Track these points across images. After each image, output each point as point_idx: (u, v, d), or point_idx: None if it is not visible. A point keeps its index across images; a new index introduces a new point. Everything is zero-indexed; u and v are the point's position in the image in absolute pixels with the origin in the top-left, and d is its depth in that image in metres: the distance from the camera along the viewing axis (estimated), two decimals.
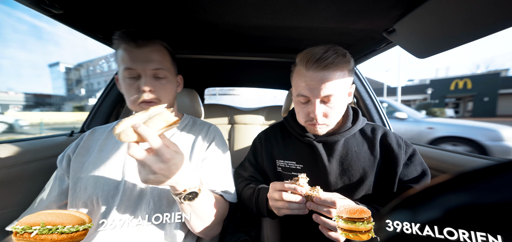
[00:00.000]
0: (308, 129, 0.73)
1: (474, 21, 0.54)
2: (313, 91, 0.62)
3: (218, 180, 0.73)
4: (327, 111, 0.65)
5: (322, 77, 0.60)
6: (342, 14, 0.71)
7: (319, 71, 0.60)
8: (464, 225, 0.14)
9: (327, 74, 0.60)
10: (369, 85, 1.27)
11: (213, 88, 2.81)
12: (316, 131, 0.70)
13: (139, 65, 0.66)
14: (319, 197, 0.53)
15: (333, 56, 0.60)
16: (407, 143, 0.71)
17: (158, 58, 0.68)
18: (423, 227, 0.16)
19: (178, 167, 0.48)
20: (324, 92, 0.61)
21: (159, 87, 0.69)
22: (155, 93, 0.68)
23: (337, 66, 0.60)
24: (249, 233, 0.80)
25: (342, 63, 0.61)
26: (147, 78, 0.66)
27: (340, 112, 0.69)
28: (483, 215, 0.13)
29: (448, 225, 0.14)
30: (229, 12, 0.72)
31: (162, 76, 0.69)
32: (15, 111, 25.01)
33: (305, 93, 0.64)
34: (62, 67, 46.49)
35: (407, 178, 0.67)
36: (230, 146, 1.94)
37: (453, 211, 0.14)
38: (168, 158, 0.46)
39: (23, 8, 31.30)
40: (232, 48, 1.14)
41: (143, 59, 0.66)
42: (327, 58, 0.59)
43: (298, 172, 0.75)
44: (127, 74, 0.67)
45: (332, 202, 0.51)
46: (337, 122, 0.73)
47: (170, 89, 0.73)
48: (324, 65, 0.59)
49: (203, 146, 0.77)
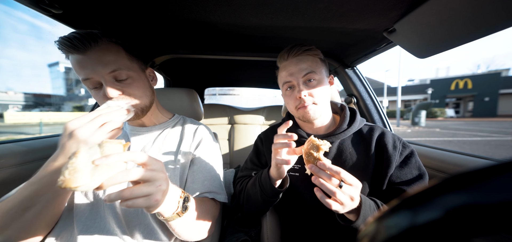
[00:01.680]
0: (300, 115, 0.73)
1: (474, 21, 0.54)
2: (295, 74, 0.71)
3: (207, 182, 0.70)
4: (312, 91, 0.70)
5: (298, 61, 0.71)
6: (342, 14, 0.71)
7: (294, 57, 0.71)
8: (464, 225, 0.14)
9: (301, 58, 0.71)
10: (369, 85, 1.27)
11: (213, 88, 2.81)
12: (308, 114, 0.71)
13: (92, 73, 0.58)
14: (323, 163, 0.53)
15: (302, 46, 0.71)
16: (404, 144, 0.71)
17: (111, 59, 0.59)
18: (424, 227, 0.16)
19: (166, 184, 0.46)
20: (303, 72, 0.70)
21: (127, 90, 0.62)
22: (124, 97, 0.62)
23: (308, 52, 0.71)
24: (249, 233, 0.80)
25: (311, 50, 0.72)
26: (108, 83, 0.59)
27: (325, 96, 0.73)
28: (483, 215, 0.13)
29: (448, 226, 0.14)
30: (229, 12, 0.72)
31: (123, 76, 0.62)
32: (14, 111, 25.01)
33: (288, 79, 0.72)
34: (61, 67, 46.49)
35: (400, 180, 0.66)
36: (230, 146, 1.94)
37: (453, 211, 0.14)
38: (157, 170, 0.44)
39: (23, 8, 30.46)
40: (232, 48, 1.14)
41: (92, 63, 0.57)
42: (298, 47, 0.71)
43: (296, 171, 0.75)
44: (87, 84, 0.60)
45: (337, 172, 0.52)
46: (326, 107, 0.74)
47: (141, 88, 0.66)
48: (296, 52, 0.71)
49: (191, 147, 0.74)
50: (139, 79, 0.66)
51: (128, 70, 0.63)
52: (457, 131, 12.74)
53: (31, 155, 0.88)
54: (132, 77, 0.64)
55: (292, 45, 0.73)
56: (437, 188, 0.16)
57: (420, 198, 0.16)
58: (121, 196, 0.40)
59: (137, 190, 0.41)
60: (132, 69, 0.65)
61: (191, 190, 0.68)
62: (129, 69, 0.63)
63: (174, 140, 0.75)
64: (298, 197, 0.74)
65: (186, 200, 0.54)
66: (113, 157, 0.39)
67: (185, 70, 1.68)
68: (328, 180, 0.52)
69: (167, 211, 0.49)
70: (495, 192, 0.13)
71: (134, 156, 0.42)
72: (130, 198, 0.40)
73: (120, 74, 0.61)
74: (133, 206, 0.40)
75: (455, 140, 9.41)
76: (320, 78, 0.71)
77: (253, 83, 2.31)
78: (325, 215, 0.69)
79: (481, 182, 0.14)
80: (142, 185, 0.42)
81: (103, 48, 0.59)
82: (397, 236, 0.16)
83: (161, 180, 0.44)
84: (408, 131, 13.34)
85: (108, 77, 0.59)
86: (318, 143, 0.55)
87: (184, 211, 0.52)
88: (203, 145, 0.76)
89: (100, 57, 0.58)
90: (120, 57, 0.62)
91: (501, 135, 11.29)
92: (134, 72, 0.65)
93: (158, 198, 0.43)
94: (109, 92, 0.58)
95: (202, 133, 0.80)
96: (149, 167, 0.43)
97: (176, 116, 0.85)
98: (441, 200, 0.15)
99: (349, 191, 0.52)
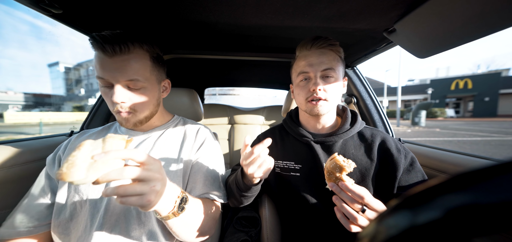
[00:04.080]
0: (309, 109, 0.72)
1: (474, 21, 0.54)
2: (314, 66, 0.69)
3: (208, 182, 0.70)
4: (327, 88, 0.70)
5: (320, 53, 0.69)
6: (342, 14, 0.70)
7: (318, 49, 0.70)
8: (464, 225, 0.14)
9: (324, 52, 0.70)
10: (369, 85, 1.27)
11: (213, 88, 2.81)
12: (317, 109, 0.70)
13: (109, 76, 0.59)
14: (346, 185, 0.50)
15: (328, 40, 0.70)
16: (405, 148, 0.72)
17: (134, 67, 0.60)
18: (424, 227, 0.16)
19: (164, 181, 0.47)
20: (323, 66, 0.69)
21: (134, 98, 0.63)
22: (129, 104, 0.62)
23: (332, 48, 0.70)
24: (249, 233, 0.80)
25: (336, 47, 0.71)
26: (119, 88, 0.60)
27: (338, 95, 0.73)
28: (483, 215, 0.13)
29: (448, 226, 0.14)
30: (229, 12, 0.72)
31: (138, 86, 0.62)
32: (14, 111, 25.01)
33: (306, 69, 0.71)
34: (61, 67, 46.52)
35: (408, 184, 0.67)
36: (230, 146, 1.94)
37: (453, 211, 0.14)
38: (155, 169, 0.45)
39: (23, 8, 30.35)
40: (232, 48, 1.14)
41: (114, 69, 0.59)
42: (324, 40, 0.70)
43: (297, 171, 0.75)
44: (100, 83, 0.62)
45: (360, 196, 0.49)
46: (334, 106, 0.74)
47: (149, 99, 0.66)
48: (321, 44, 0.69)
49: (193, 148, 0.74)
50: (151, 90, 0.67)
51: (145, 81, 0.63)
52: (457, 131, 12.74)
53: (31, 155, 0.88)
54: (145, 88, 0.64)
55: (317, 36, 0.71)
56: (437, 188, 0.16)
57: (420, 198, 0.16)
58: (116, 192, 0.40)
59: (130, 189, 0.41)
60: (149, 80, 0.65)
61: (192, 191, 0.68)
62: (146, 80, 0.64)
63: (176, 141, 0.74)
64: (298, 197, 0.73)
65: (184, 200, 0.54)
66: (111, 154, 0.39)
67: (185, 70, 1.68)
68: (349, 203, 0.50)
69: (163, 210, 0.49)
70: (495, 192, 0.13)
71: (133, 154, 0.42)
72: (124, 195, 0.41)
73: (136, 84, 0.62)
74: (126, 203, 0.41)
75: (455, 140, 9.41)
76: (337, 76, 0.71)
77: (253, 83, 2.30)
78: (325, 215, 0.69)
79: (481, 182, 0.14)
80: (137, 184, 0.42)
81: (131, 56, 0.60)
82: (397, 236, 0.16)
83: (156, 180, 0.44)
84: (408, 131, 13.33)
85: (123, 83, 0.61)
86: (342, 164, 0.52)
87: (180, 212, 0.52)
88: (204, 147, 0.76)
89: (124, 65, 0.59)
90: (143, 68, 0.63)
91: (501, 135, 11.29)
92: (149, 83, 0.65)
93: (151, 198, 0.43)
94: (117, 96, 0.59)
95: (204, 134, 0.79)
96: (146, 166, 0.43)
97: (176, 117, 0.84)
98: (441, 200, 0.15)
99: (373, 217, 0.49)
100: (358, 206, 0.50)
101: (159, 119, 0.77)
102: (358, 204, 0.50)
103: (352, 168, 0.52)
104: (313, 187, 0.72)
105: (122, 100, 0.60)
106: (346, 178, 0.52)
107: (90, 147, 0.40)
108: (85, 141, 0.41)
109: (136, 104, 0.63)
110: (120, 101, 0.60)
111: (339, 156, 0.54)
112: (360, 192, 0.50)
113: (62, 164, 0.37)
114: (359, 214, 0.49)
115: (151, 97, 0.67)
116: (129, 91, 0.62)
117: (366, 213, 0.49)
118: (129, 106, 0.62)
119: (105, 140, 0.42)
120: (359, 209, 0.50)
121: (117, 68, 0.59)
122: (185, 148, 0.73)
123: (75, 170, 0.37)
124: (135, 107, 0.64)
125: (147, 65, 0.64)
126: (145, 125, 0.73)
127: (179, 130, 0.78)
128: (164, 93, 0.76)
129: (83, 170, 0.37)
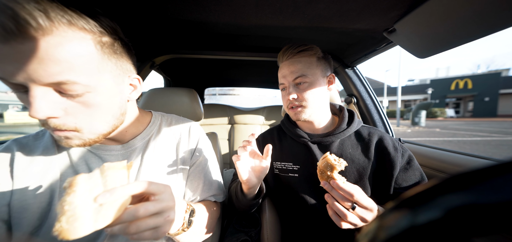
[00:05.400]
0: (291, 115, 0.76)
1: (474, 21, 0.54)
2: (286, 77, 0.73)
3: (208, 183, 0.69)
4: (301, 94, 0.71)
5: (290, 63, 0.71)
6: (342, 14, 0.70)
7: (288, 60, 0.72)
8: (464, 225, 0.14)
9: (293, 61, 0.71)
10: (369, 85, 1.27)
11: (213, 88, 2.81)
12: (296, 115, 0.73)
13: (15, 72, 0.35)
14: (337, 183, 0.51)
15: (296, 47, 0.71)
16: (403, 146, 0.71)
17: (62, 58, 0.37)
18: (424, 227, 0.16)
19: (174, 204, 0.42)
20: (293, 76, 0.71)
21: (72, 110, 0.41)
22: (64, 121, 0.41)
23: (302, 53, 0.71)
24: (249, 233, 0.80)
25: (306, 51, 0.71)
26: (39, 94, 0.37)
27: (317, 98, 0.72)
28: (483, 215, 0.13)
29: (448, 226, 0.14)
30: (229, 12, 0.72)
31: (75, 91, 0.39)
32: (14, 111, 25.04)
33: (281, 81, 0.75)
34: None
35: (406, 183, 0.67)
36: (230, 146, 1.94)
37: (453, 211, 0.14)
38: None
39: None
40: (232, 48, 1.14)
41: (21, 61, 0.35)
42: (292, 49, 0.71)
43: (296, 172, 0.75)
44: (8, 85, 0.39)
45: (350, 194, 0.50)
46: (318, 108, 0.74)
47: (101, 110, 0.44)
48: (289, 54, 0.72)
49: (189, 150, 0.67)
50: (101, 91, 0.43)
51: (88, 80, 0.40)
52: (457, 131, 12.73)
53: None
54: (86, 87, 0.40)
55: (288, 46, 0.73)
56: (437, 188, 0.16)
57: (420, 198, 0.16)
58: (127, 232, 0.35)
59: (143, 225, 0.36)
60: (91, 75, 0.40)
61: (193, 196, 0.66)
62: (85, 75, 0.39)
63: (168, 148, 0.64)
64: (297, 197, 0.74)
65: (192, 214, 0.52)
66: (118, 192, 0.33)
67: (185, 70, 1.68)
68: (340, 201, 0.51)
69: (172, 230, 0.47)
70: (495, 192, 0.13)
71: (141, 188, 0.37)
72: (137, 233, 0.36)
73: (70, 89, 0.38)
74: (139, 239, 0.37)
75: (455, 140, 9.41)
76: (313, 80, 0.71)
77: (253, 83, 2.31)
78: (324, 215, 0.69)
79: (481, 182, 0.14)
80: (149, 218, 0.37)
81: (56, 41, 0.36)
82: (397, 236, 0.16)
83: (170, 210, 0.40)
84: (408, 131, 13.33)
85: (45, 85, 0.37)
86: (332, 163, 0.52)
87: (189, 226, 0.51)
88: (200, 146, 0.70)
89: (43, 55, 0.35)
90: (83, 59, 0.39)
91: (501, 135, 11.28)
92: (94, 79, 0.41)
93: (166, 229, 0.40)
94: (34, 109, 0.36)
95: (197, 132, 0.73)
96: (158, 196, 0.39)
97: (155, 114, 0.68)
98: (441, 200, 0.15)
99: (363, 214, 0.50)
100: (348, 203, 0.51)
101: (136, 126, 0.60)
102: (348, 201, 0.51)
103: (343, 167, 0.53)
104: (311, 188, 0.73)
105: (47, 113, 0.37)
106: (338, 176, 0.53)
107: (86, 186, 0.32)
108: (76, 178, 0.31)
109: (81, 120, 0.42)
110: (44, 116, 0.37)
111: (330, 155, 0.55)
112: (350, 190, 0.50)
113: (58, 217, 0.29)
114: (349, 211, 0.50)
115: (109, 103, 0.45)
116: (61, 97, 0.39)
117: (356, 210, 0.50)
118: (65, 123, 0.40)
119: (104, 173, 0.35)
120: (349, 207, 0.51)
121: (29, 58, 0.34)
122: (180, 152, 0.65)
123: (80, 224, 0.30)
124: (79, 124, 0.42)
125: (92, 55, 0.40)
126: (117, 135, 0.54)
127: (166, 132, 0.66)
128: (133, 94, 0.53)
129: (89, 221, 0.31)
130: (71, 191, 0.31)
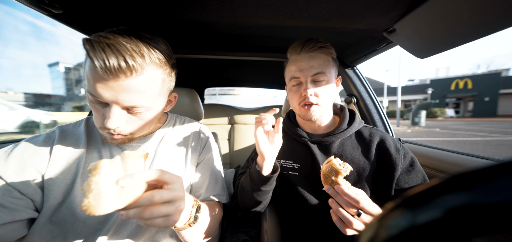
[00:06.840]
0: (302, 114, 0.72)
1: (474, 21, 0.54)
2: (304, 72, 0.69)
3: (213, 183, 0.70)
4: (318, 92, 0.69)
5: (310, 57, 0.69)
6: (342, 14, 0.70)
7: (307, 53, 0.69)
8: (464, 226, 0.14)
9: (314, 55, 0.69)
10: (369, 85, 1.27)
11: (213, 88, 2.81)
12: (309, 114, 0.70)
13: (108, 96, 0.48)
14: (342, 189, 0.50)
15: (317, 43, 0.69)
16: (405, 148, 0.71)
17: (142, 90, 0.50)
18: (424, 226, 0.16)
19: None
20: (313, 71, 0.68)
21: (132, 122, 0.53)
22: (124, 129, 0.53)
23: (322, 50, 0.70)
24: (249, 233, 0.80)
25: (326, 49, 0.70)
26: (116, 112, 0.50)
27: (331, 98, 0.72)
28: (483, 215, 0.13)
29: (448, 226, 0.14)
30: (229, 12, 0.72)
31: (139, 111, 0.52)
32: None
33: (296, 74, 0.70)
34: (61, 67, 46.48)
35: (409, 186, 0.67)
36: (230, 146, 1.94)
37: (453, 211, 0.14)
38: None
39: (24, 8, 30.28)
40: (232, 48, 1.14)
41: (115, 90, 0.47)
42: (313, 43, 0.69)
43: (295, 171, 0.75)
44: (90, 97, 0.50)
45: (356, 200, 0.49)
46: (328, 108, 0.73)
47: (150, 120, 0.57)
48: (310, 47, 0.69)
49: (197, 150, 0.72)
50: (154, 109, 0.56)
51: (150, 103, 0.53)
52: (457, 131, 12.74)
53: None
54: (146, 108, 0.53)
55: (307, 39, 0.70)
56: (437, 188, 0.16)
57: (420, 198, 0.16)
58: (141, 216, 0.38)
59: (156, 211, 0.39)
60: (155, 100, 0.54)
61: (198, 194, 0.68)
62: (152, 101, 0.53)
63: (179, 145, 0.70)
64: (298, 196, 0.74)
65: (198, 209, 0.54)
66: (138, 178, 0.37)
67: (185, 70, 1.68)
68: (345, 207, 0.50)
69: (180, 222, 0.49)
70: (495, 192, 0.13)
71: (157, 175, 0.41)
72: (150, 218, 0.39)
73: (138, 109, 0.51)
74: (151, 225, 0.40)
75: (455, 140, 9.41)
76: (329, 79, 0.70)
77: (253, 83, 2.31)
78: (324, 215, 0.69)
79: (481, 182, 0.14)
80: (162, 206, 0.40)
81: (141, 80, 0.48)
82: (397, 236, 0.16)
83: (181, 200, 0.43)
84: (408, 131, 13.33)
85: (122, 106, 0.50)
86: (337, 167, 0.51)
87: (195, 221, 0.52)
88: (207, 147, 0.74)
89: (129, 89, 0.47)
90: (153, 89, 0.52)
91: (501, 135, 11.29)
92: (155, 103, 0.55)
93: (176, 218, 0.43)
94: (112, 122, 0.48)
95: (205, 134, 0.78)
96: (171, 186, 0.42)
97: (171, 115, 0.77)
98: (441, 200, 0.15)
99: (368, 221, 0.49)
100: (354, 210, 0.49)
101: (155, 124, 0.69)
102: (354, 208, 0.49)
103: (348, 172, 0.51)
104: (311, 187, 0.73)
105: (118, 125, 0.50)
106: (342, 181, 0.52)
107: (109, 170, 0.36)
108: (100, 162, 0.36)
109: (134, 128, 0.54)
110: (115, 127, 0.50)
111: (335, 159, 0.53)
112: (356, 196, 0.49)
113: (86, 194, 0.33)
114: (355, 218, 0.49)
115: (153, 117, 0.58)
116: (127, 114, 0.52)
117: (361, 217, 0.49)
118: (123, 130, 0.52)
119: (124, 159, 0.39)
120: (354, 213, 0.49)
121: (121, 90, 0.47)
122: (190, 150, 0.70)
123: (104, 202, 0.33)
124: (131, 131, 0.54)
125: (158, 85, 0.53)
126: None
127: (179, 131, 0.73)
128: (167, 107, 0.66)
129: (112, 200, 0.34)
130: (96, 173, 0.34)
